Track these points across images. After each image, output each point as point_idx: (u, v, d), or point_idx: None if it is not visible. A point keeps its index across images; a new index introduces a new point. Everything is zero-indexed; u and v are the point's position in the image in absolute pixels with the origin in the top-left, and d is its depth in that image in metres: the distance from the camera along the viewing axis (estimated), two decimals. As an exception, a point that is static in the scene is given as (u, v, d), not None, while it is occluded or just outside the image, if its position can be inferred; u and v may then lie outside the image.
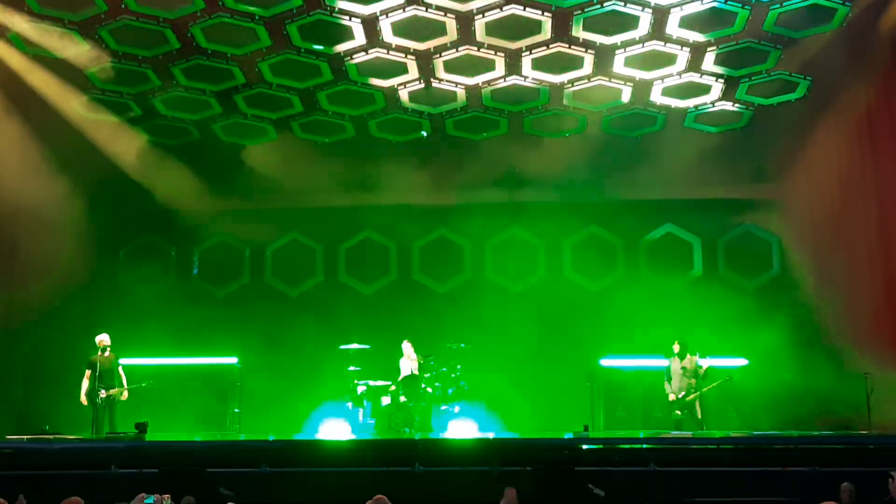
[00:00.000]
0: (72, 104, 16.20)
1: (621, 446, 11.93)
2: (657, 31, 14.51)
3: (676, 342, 14.94)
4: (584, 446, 11.56)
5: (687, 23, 14.28)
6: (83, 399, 14.30)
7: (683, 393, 14.63)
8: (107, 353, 14.59)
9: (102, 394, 14.30)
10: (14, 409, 15.90)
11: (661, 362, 15.29)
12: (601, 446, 11.74)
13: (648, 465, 10.91)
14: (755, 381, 16.21)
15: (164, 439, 12.91)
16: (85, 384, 14.33)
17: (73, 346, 16.15)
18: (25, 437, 12.96)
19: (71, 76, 15.62)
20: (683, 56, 15.21)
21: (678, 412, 14.68)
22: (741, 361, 16.05)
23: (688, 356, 14.81)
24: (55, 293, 16.59)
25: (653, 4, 13.84)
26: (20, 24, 14.11)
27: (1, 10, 13.89)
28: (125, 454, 11.42)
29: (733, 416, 16.26)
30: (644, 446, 11.86)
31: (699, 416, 14.63)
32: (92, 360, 14.44)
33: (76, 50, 14.83)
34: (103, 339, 14.67)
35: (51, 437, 13.02)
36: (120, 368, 14.83)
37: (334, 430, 14.84)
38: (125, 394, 14.61)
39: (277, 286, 18.67)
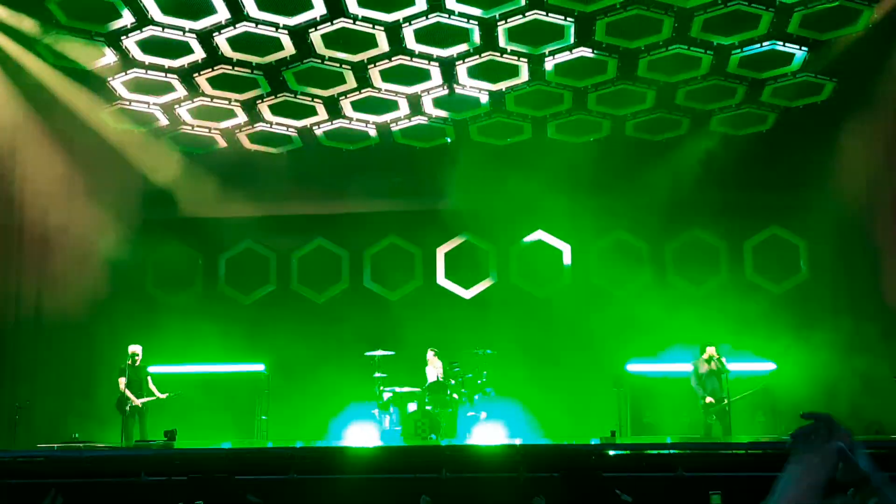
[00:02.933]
0: (98, 114, 16.38)
1: (649, 452, 11.88)
2: (680, 34, 14.47)
3: (709, 345, 14.78)
4: (612, 452, 11.52)
5: (710, 26, 14.23)
6: (137, 402, 14.60)
7: (717, 397, 14.51)
8: (137, 364, 14.85)
9: (136, 402, 14.55)
10: (44, 418, 16.02)
11: (688, 367, 15.19)
12: (628, 452, 11.71)
13: (676, 470, 10.84)
14: (783, 386, 16.09)
15: (192, 447, 12.99)
16: (126, 391, 14.58)
17: (102, 354, 16.33)
18: (56, 445, 13.07)
19: (98, 87, 15.79)
20: (707, 60, 15.15)
21: (713, 416, 14.55)
22: (769, 366, 15.94)
23: (716, 359, 14.68)
24: (83, 301, 16.76)
25: (676, 8, 13.81)
26: (48, 36, 14.27)
27: (29, 22, 14.07)
28: (154, 462, 11.50)
29: (762, 420, 16.15)
30: (672, 451, 11.80)
31: (728, 423, 14.53)
32: (122, 368, 14.69)
33: (103, 61, 14.99)
34: (135, 349, 14.92)
35: (81, 444, 13.12)
36: (149, 378, 15.02)
37: (361, 436, 14.89)
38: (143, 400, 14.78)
39: (304, 293, 18.72)
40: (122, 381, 14.71)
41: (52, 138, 15.84)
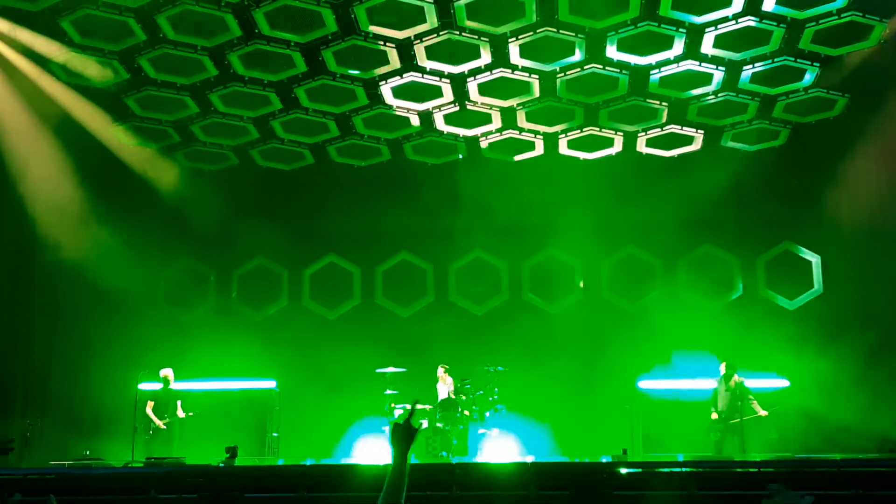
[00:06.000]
0: (111, 132, 16.48)
1: (660, 470, 11.79)
2: (692, 50, 14.46)
3: (723, 363, 14.75)
4: (623, 470, 11.43)
5: (722, 42, 14.22)
6: (161, 424, 14.74)
7: (726, 415, 14.48)
8: (168, 386, 14.98)
9: (161, 425, 14.65)
10: (55, 435, 16.06)
11: (700, 384, 15.15)
12: (640, 470, 11.61)
13: (688, 488, 10.77)
14: (797, 403, 16.00)
15: (202, 464, 12.95)
16: (152, 414, 14.70)
17: (115, 371, 16.33)
18: (67, 462, 13.07)
19: (111, 105, 15.89)
20: (719, 75, 15.13)
21: (718, 433, 14.52)
22: (783, 383, 15.84)
23: (734, 377, 14.65)
24: (95, 319, 16.86)
25: (687, 24, 13.80)
26: (61, 54, 14.37)
27: (43, 41, 14.17)
28: (165, 479, 11.48)
29: (775, 438, 16.05)
30: (684, 469, 11.72)
31: (743, 440, 14.45)
32: (155, 392, 14.97)
33: (115, 79, 15.08)
34: (167, 373, 15.17)
35: (91, 462, 13.11)
36: (178, 402, 15.08)
37: (372, 454, 14.85)
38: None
39: (315, 309, 18.70)
40: (150, 405, 14.80)
41: (63, 154, 15.91)
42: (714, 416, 14.58)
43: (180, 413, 15.06)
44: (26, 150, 15.39)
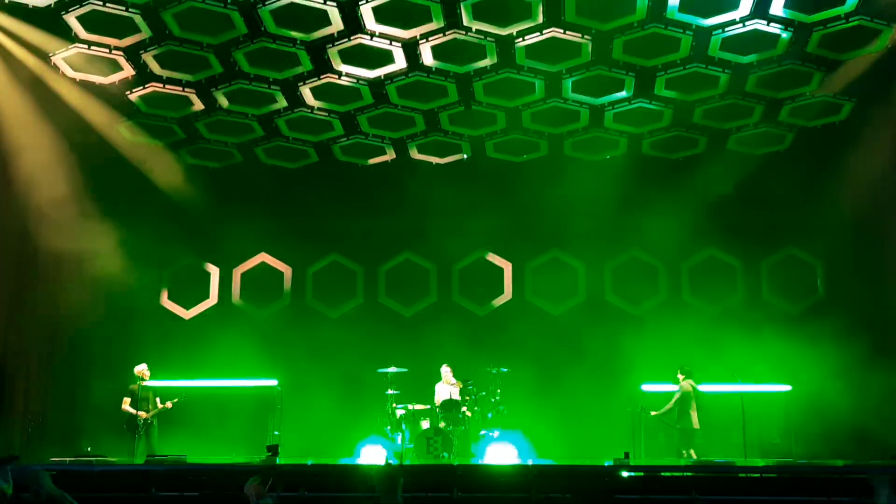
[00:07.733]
0: (116, 128, 16.46)
1: (663, 474, 11.80)
2: (698, 53, 14.42)
3: (680, 376, 14.97)
4: (625, 474, 11.44)
5: (728, 45, 14.17)
6: (144, 415, 14.83)
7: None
8: (144, 383, 14.93)
9: (143, 415, 14.64)
10: (57, 432, 16.06)
11: (702, 388, 15.14)
12: (642, 474, 11.63)
13: (690, 493, 10.78)
14: (799, 408, 15.99)
15: (203, 462, 12.94)
16: (130, 409, 14.69)
17: (116, 368, 16.32)
18: (68, 459, 13.07)
19: (115, 101, 15.86)
20: (725, 78, 15.09)
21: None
22: (785, 388, 15.81)
23: (689, 383, 14.84)
24: (98, 316, 16.85)
25: (694, 27, 13.76)
26: (66, 50, 14.34)
27: (47, 36, 14.14)
28: (166, 477, 11.49)
29: (777, 442, 16.01)
30: (686, 474, 11.72)
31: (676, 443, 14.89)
32: (131, 388, 14.92)
33: (121, 75, 15.05)
34: (142, 369, 15.11)
35: (93, 459, 13.11)
36: (157, 399, 15.07)
37: (373, 454, 14.81)
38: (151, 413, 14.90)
39: (318, 308, 18.67)
40: (127, 401, 14.82)
41: (66, 149, 15.89)
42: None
43: (160, 405, 15.04)
44: (28, 145, 15.35)
